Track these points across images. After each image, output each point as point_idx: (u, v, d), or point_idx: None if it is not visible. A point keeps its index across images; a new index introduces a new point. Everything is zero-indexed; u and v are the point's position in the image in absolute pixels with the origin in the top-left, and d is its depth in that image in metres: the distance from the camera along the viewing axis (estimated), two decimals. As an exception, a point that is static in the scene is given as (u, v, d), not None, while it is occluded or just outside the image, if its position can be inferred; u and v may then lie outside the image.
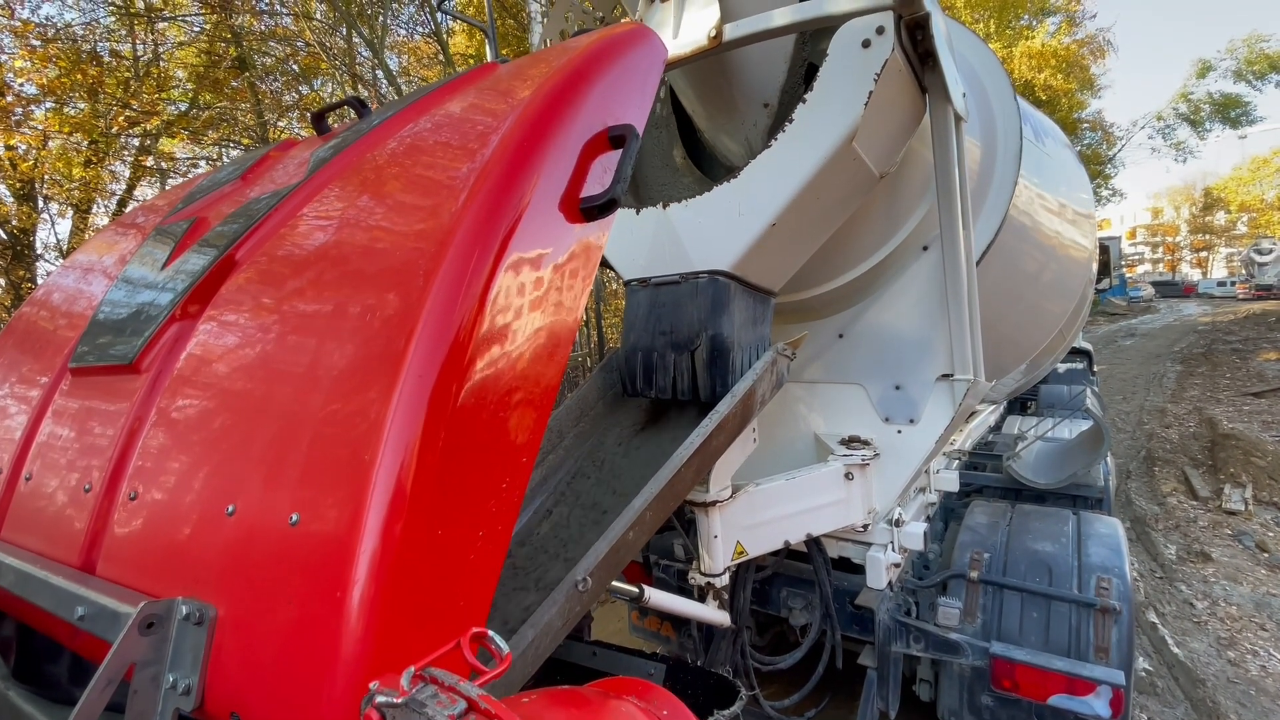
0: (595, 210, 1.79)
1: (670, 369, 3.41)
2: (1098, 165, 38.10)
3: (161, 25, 17.19)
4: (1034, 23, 32.23)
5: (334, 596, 1.27)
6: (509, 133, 1.77)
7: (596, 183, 1.83)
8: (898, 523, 4.30)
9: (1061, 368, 11.80)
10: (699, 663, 4.25)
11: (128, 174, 16.96)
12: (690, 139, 4.52)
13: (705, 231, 3.48)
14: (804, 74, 3.91)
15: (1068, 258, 5.57)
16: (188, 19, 17.67)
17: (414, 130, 2.24)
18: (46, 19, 14.84)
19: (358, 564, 1.28)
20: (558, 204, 1.74)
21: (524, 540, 2.88)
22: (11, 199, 14.47)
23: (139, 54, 16.74)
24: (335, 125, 3.03)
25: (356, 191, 2.10)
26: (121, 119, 15.00)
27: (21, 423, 2.41)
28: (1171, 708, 6.00)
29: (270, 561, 1.41)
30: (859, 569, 4.31)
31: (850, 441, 4.20)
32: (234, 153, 17.57)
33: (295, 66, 18.80)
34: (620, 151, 1.89)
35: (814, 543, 4.23)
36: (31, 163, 14.20)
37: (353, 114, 2.88)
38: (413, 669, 1.17)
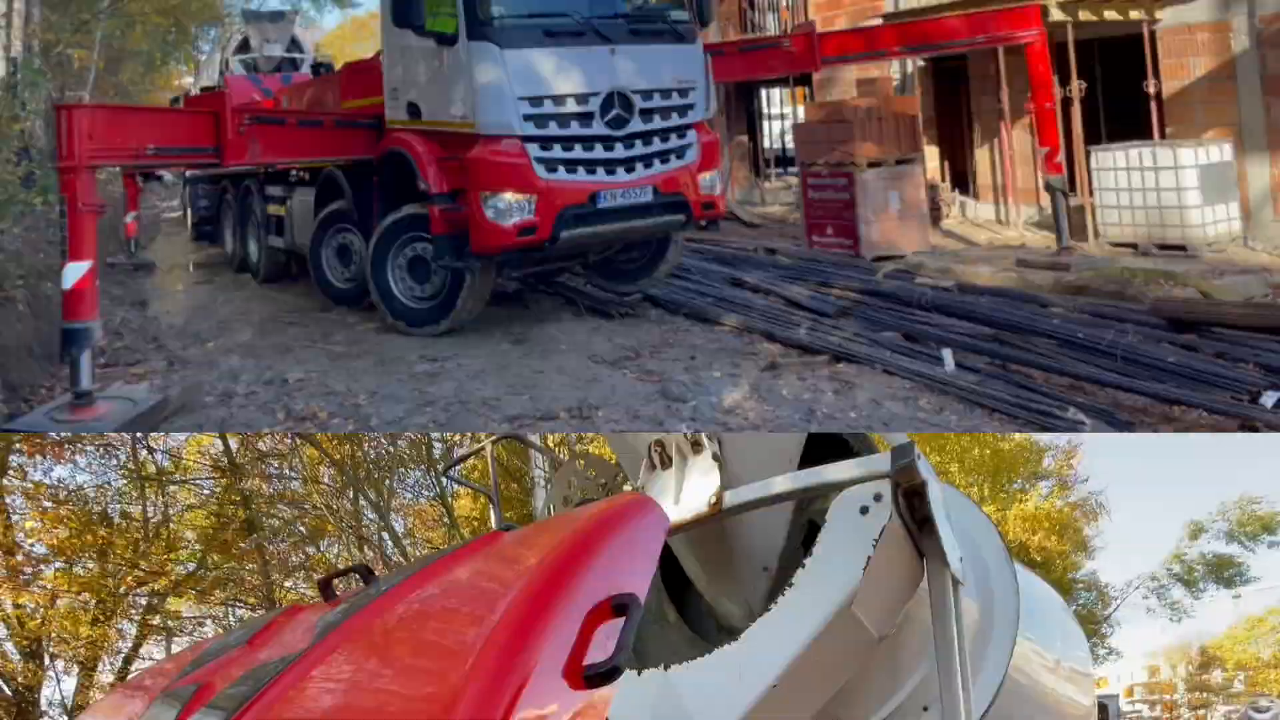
0: (598, 678, 1.81)
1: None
2: (1094, 624, 37.47)
3: (172, 488, 17.83)
4: (1027, 486, 33.08)
5: None
6: (514, 601, 1.83)
7: (600, 649, 1.85)
8: None
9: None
10: None
11: (134, 632, 16.78)
12: (679, 596, 4.58)
13: (707, 692, 3.42)
14: (804, 534, 4.05)
15: (1066, 716, 5.41)
16: (198, 481, 18.36)
17: (421, 596, 2.31)
18: (59, 481, 15.45)
19: None
20: (561, 671, 1.76)
21: None
22: (18, 656, 14.22)
23: (149, 515, 17.18)
24: (341, 591, 3.11)
25: (364, 656, 2.12)
26: (130, 578, 15.13)
27: None
28: None
29: None
30: None
31: None
32: (240, 612, 17.48)
33: (303, 528, 19.18)
34: (623, 620, 1.94)
35: None
36: (39, 620, 14.13)
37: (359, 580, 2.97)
38: None
